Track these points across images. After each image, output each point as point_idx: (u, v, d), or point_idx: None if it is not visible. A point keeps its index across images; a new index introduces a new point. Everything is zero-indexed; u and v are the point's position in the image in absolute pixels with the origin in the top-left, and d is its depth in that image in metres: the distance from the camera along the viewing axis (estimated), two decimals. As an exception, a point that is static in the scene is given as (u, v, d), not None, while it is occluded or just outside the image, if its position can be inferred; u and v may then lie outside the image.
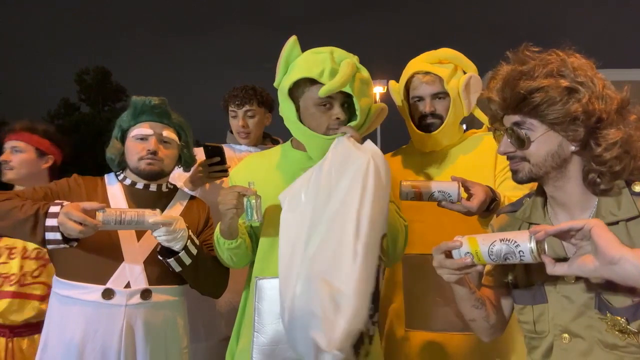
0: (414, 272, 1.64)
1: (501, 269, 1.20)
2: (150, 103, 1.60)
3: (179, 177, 1.98)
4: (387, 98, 1.85)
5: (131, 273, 1.49)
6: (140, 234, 1.54)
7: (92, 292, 1.46)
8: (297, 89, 1.45)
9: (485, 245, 1.00)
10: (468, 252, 1.02)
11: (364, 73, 1.46)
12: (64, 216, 1.32)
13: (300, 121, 1.46)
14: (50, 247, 1.38)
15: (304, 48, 1.48)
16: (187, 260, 1.49)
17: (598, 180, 1.01)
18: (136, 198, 1.60)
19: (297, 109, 1.47)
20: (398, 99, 1.78)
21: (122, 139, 1.65)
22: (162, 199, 1.64)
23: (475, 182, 1.44)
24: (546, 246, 0.96)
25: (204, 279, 1.59)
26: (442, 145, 1.74)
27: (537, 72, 1.00)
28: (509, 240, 0.96)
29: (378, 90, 16.77)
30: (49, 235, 1.36)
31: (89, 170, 1.69)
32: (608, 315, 0.97)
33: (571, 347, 1.02)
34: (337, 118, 1.42)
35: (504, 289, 1.20)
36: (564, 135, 1.01)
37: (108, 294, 1.46)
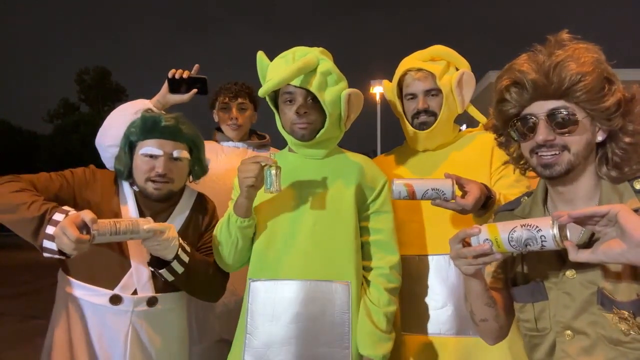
0: (410, 273, 1.62)
1: (503, 270, 1.19)
2: (162, 123, 1.51)
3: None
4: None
5: (139, 280, 1.47)
6: None
7: (99, 295, 1.44)
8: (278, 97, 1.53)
9: (505, 231, 0.96)
10: (487, 239, 0.98)
11: (326, 64, 1.47)
12: (59, 230, 1.24)
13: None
14: (46, 255, 1.31)
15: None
16: (180, 269, 1.45)
17: (620, 164, 1.01)
18: (146, 203, 1.57)
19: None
20: (392, 97, 1.76)
21: (130, 150, 1.56)
22: (170, 205, 1.60)
23: (469, 180, 1.43)
24: (568, 232, 0.94)
25: (199, 285, 1.55)
26: (437, 144, 1.72)
27: (584, 58, 0.98)
28: (530, 226, 0.93)
29: (378, 90, 16.77)
30: (47, 244, 1.29)
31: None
32: (614, 309, 0.96)
33: (574, 344, 1.01)
34: (297, 112, 1.47)
35: (507, 291, 1.18)
36: (599, 124, 1.01)
37: (116, 300, 1.44)
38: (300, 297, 1.42)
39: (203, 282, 1.54)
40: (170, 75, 1.88)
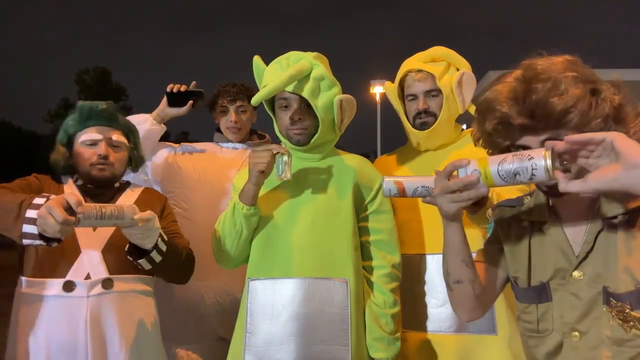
0: (410, 272, 1.63)
1: (500, 254, 1.17)
2: (98, 108, 1.59)
3: (144, 119, 1.98)
4: (387, 98, 1.86)
5: (90, 263, 1.45)
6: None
7: (52, 286, 1.43)
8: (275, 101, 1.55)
9: (495, 163, 0.93)
10: (476, 170, 0.95)
11: (319, 70, 1.48)
12: (45, 210, 1.21)
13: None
14: (26, 242, 1.28)
15: (306, 48, 1.53)
16: (158, 258, 1.45)
17: None
18: (91, 195, 1.56)
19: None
20: (393, 98, 1.79)
21: (68, 144, 1.61)
22: (113, 195, 1.62)
23: None
24: (558, 163, 0.91)
25: (173, 271, 1.57)
26: (438, 144, 1.74)
27: (565, 82, 0.95)
28: (522, 155, 0.90)
29: (378, 90, 16.78)
30: (26, 228, 1.25)
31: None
32: (612, 302, 0.95)
33: (581, 345, 1.00)
34: (291, 118, 1.50)
35: (495, 268, 1.17)
36: None
37: (69, 286, 1.42)
38: (299, 295, 1.43)
39: (177, 268, 1.57)
40: (168, 89, 1.98)
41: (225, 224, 1.52)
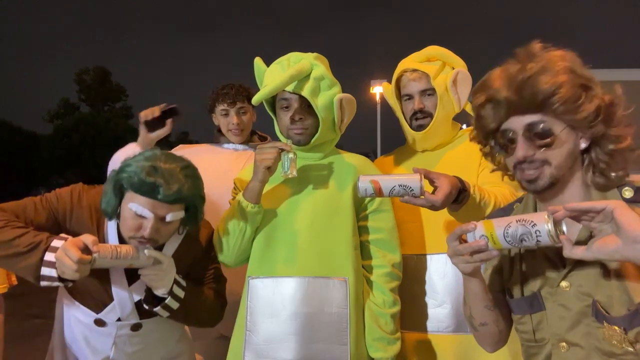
0: (408, 272, 1.63)
1: (500, 275, 1.18)
2: (159, 195, 1.30)
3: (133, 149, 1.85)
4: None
5: (122, 311, 1.45)
6: (131, 280, 1.45)
7: (86, 316, 1.46)
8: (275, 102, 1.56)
9: (500, 227, 0.95)
10: (483, 235, 0.97)
11: (320, 70, 1.49)
12: (62, 251, 1.24)
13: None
14: (43, 283, 1.29)
15: (306, 48, 1.54)
16: (175, 305, 1.42)
17: (605, 170, 1.00)
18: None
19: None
20: (390, 98, 1.79)
21: (120, 191, 1.36)
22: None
23: (440, 174, 1.35)
24: (564, 227, 0.93)
25: (196, 317, 1.52)
26: (435, 143, 1.74)
27: (557, 68, 0.96)
28: (525, 221, 0.92)
29: (378, 90, 16.77)
30: (45, 271, 1.27)
31: (88, 170, 1.60)
32: (605, 324, 0.95)
33: (570, 356, 1.00)
34: (292, 118, 1.50)
35: (504, 295, 1.17)
36: (581, 133, 1.00)
37: (100, 323, 1.46)
38: (298, 294, 1.44)
39: (200, 314, 1.52)
40: (142, 119, 1.89)
41: (229, 222, 1.51)
